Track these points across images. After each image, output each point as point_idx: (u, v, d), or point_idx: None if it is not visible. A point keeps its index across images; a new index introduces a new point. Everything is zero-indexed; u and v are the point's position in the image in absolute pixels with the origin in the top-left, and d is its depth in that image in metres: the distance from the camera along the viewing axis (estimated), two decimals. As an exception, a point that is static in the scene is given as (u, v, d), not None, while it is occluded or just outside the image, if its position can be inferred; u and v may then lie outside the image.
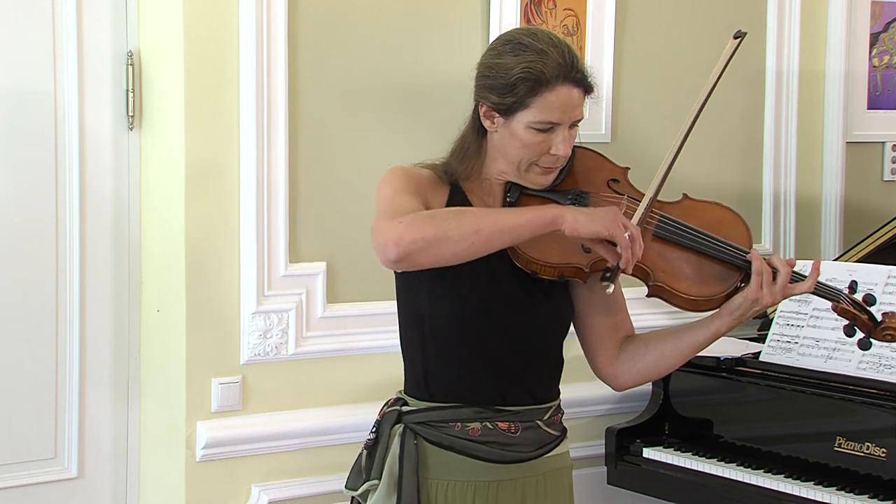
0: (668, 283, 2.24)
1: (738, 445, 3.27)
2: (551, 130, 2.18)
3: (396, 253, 2.01)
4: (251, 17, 3.02)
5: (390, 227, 2.03)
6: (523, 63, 2.15)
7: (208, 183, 3.05)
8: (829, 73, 4.04)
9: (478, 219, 2.05)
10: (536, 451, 2.27)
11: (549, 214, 2.05)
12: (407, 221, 2.03)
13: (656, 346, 2.34)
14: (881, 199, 4.20)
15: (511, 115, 2.18)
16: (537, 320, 2.26)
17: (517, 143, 2.19)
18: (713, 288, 2.25)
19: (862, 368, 3.06)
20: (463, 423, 2.21)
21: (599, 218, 2.05)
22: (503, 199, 2.27)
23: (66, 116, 3.05)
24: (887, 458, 2.94)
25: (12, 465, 3.04)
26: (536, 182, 2.25)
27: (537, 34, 2.20)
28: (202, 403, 3.07)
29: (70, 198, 3.06)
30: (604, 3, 3.56)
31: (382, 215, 2.11)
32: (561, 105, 2.17)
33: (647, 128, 3.72)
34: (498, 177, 2.27)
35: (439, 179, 2.26)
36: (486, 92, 2.20)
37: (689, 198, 2.37)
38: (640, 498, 3.53)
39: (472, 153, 2.26)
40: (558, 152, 2.19)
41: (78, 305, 3.08)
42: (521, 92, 2.15)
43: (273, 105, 3.07)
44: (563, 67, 2.16)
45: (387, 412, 2.28)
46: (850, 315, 2.32)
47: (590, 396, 3.62)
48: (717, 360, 3.33)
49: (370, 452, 2.26)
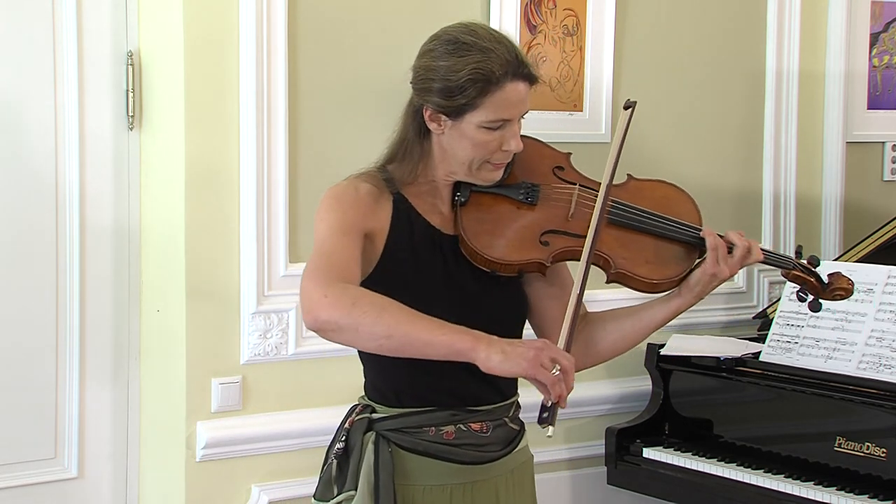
0: (629, 268, 2.23)
1: (738, 445, 3.27)
2: (502, 127, 2.14)
3: (312, 326, 1.98)
4: (251, 17, 3.02)
5: (315, 298, 1.97)
6: (470, 65, 2.09)
7: (208, 183, 3.05)
8: (829, 73, 4.04)
9: (394, 323, 1.95)
10: (505, 448, 2.24)
11: (465, 346, 1.94)
12: (330, 300, 1.96)
13: (615, 327, 2.32)
14: (881, 199, 4.20)
15: (460, 117, 2.13)
16: (498, 316, 2.22)
17: (468, 143, 2.14)
18: (673, 269, 2.26)
19: (862, 368, 3.06)
20: (437, 427, 2.18)
21: (517, 357, 1.93)
22: (452, 199, 2.22)
23: (66, 116, 3.05)
24: (887, 458, 2.94)
25: (12, 465, 3.04)
26: (488, 179, 2.20)
27: (477, 31, 2.15)
28: (202, 403, 3.07)
29: (70, 198, 3.06)
30: (604, 3, 3.56)
31: (314, 268, 2.03)
32: (511, 102, 2.13)
33: (647, 128, 3.72)
34: (446, 178, 2.22)
35: (380, 192, 2.18)
36: (431, 95, 2.13)
37: (634, 178, 2.37)
38: (640, 498, 3.53)
39: (415, 156, 2.19)
40: (511, 148, 2.16)
41: (78, 305, 3.08)
42: (470, 94, 2.10)
43: (273, 105, 3.07)
44: (510, 64, 2.12)
45: (356, 420, 2.23)
46: (801, 280, 2.38)
47: (590, 396, 3.63)
48: (717, 360, 3.33)
49: (341, 462, 2.21)
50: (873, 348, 3.07)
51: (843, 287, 2.38)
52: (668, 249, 2.28)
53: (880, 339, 3.08)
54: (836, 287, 2.38)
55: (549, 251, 2.20)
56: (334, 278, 2.00)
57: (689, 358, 3.40)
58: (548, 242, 2.20)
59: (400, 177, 2.20)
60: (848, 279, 2.40)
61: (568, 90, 3.56)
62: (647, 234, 2.27)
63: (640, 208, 2.28)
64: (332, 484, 2.20)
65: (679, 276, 2.27)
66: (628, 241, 2.26)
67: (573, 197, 2.25)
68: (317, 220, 2.13)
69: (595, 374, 3.64)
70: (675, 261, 2.27)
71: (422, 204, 2.21)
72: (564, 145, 3.45)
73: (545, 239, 2.20)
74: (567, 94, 3.55)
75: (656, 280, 2.25)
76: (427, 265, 2.17)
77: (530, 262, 2.19)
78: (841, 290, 2.38)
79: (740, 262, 2.26)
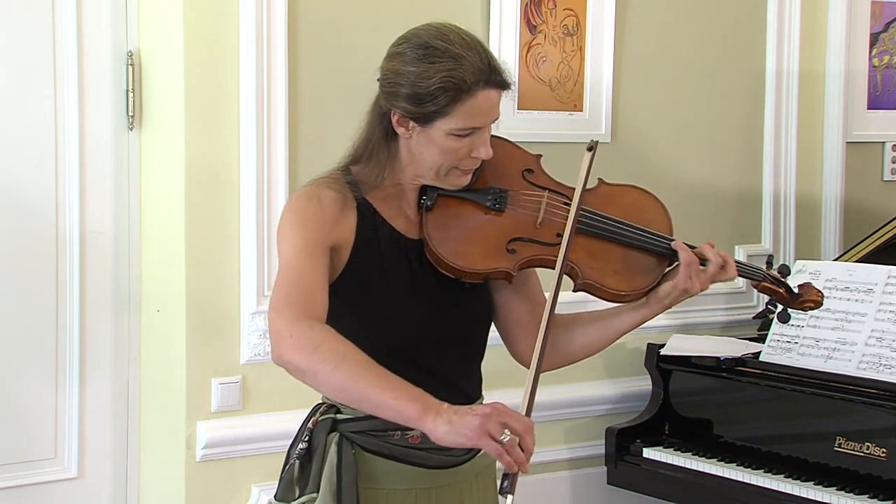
0: (597, 279, 2.19)
1: (738, 445, 3.27)
2: (472, 134, 2.09)
3: (277, 363, 1.98)
4: (251, 17, 3.02)
5: (281, 335, 1.96)
6: (442, 73, 2.04)
7: (208, 183, 3.05)
8: (829, 73, 4.04)
9: (348, 378, 1.93)
10: (468, 452, 2.20)
11: (412, 414, 1.90)
12: (294, 341, 1.94)
13: (582, 332, 2.30)
14: (881, 199, 4.20)
15: (429, 124, 2.07)
16: (464, 321, 2.20)
17: (436, 149, 2.10)
18: (641, 280, 2.22)
19: (862, 368, 3.06)
20: (403, 430, 2.13)
21: (462, 428, 1.88)
22: (418, 202, 2.18)
23: (66, 116, 3.05)
24: (887, 458, 2.94)
25: (12, 465, 3.04)
26: (456, 184, 2.16)
27: (449, 36, 2.09)
28: (202, 403, 3.07)
29: (70, 197, 3.06)
30: (604, 3, 3.56)
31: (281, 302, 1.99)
32: (482, 110, 2.08)
33: (647, 128, 3.73)
34: (412, 181, 2.17)
35: (344, 198, 2.13)
36: (399, 100, 2.08)
37: (605, 182, 2.32)
38: (640, 498, 3.53)
39: (381, 159, 2.14)
40: (480, 155, 2.11)
41: (78, 305, 3.08)
42: (440, 102, 2.04)
43: (273, 105, 3.07)
44: (482, 72, 2.06)
45: (320, 420, 2.19)
46: (770, 291, 2.35)
47: (590, 396, 3.63)
48: (717, 360, 3.33)
49: (303, 463, 2.16)
50: (873, 348, 3.07)
51: (813, 298, 2.36)
52: (638, 259, 2.23)
53: (880, 339, 3.08)
54: (805, 298, 2.36)
55: (516, 259, 2.15)
56: (301, 314, 1.97)
57: (689, 358, 3.40)
58: (515, 250, 2.16)
59: (365, 179, 2.15)
60: (817, 291, 2.38)
61: (568, 90, 3.56)
62: (616, 243, 2.23)
63: (609, 217, 2.24)
64: (294, 485, 2.16)
65: (647, 288, 2.23)
66: (597, 250, 2.21)
67: (542, 204, 2.21)
68: (280, 238, 2.09)
69: (595, 374, 3.65)
70: (643, 271, 2.23)
71: (387, 208, 2.16)
72: (564, 145, 3.49)
73: (512, 247, 2.16)
74: (567, 94, 3.55)
75: (624, 291, 2.21)
76: (393, 272, 2.13)
77: (496, 271, 2.15)
78: (810, 302, 2.36)
79: (713, 278, 2.22)
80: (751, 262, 2.34)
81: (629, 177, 3.71)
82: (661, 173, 3.74)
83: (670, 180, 3.76)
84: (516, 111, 3.45)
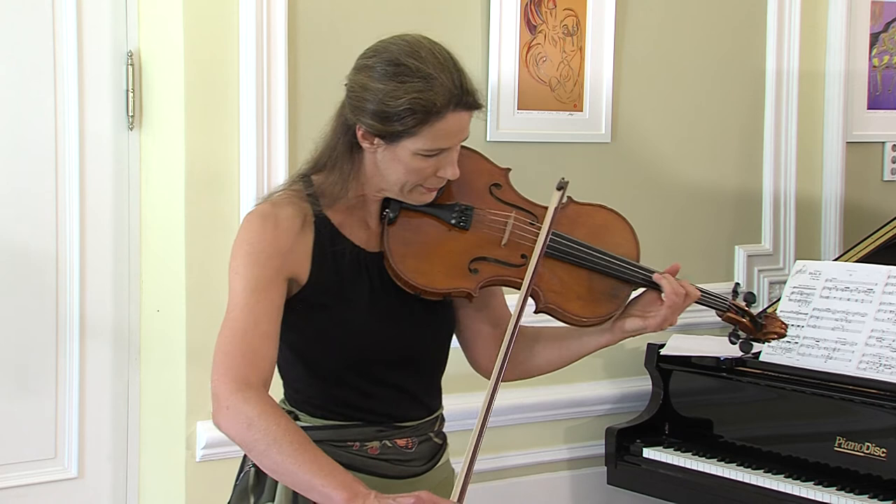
0: (559, 303, 2.16)
1: (738, 445, 3.27)
2: (439, 154, 2.03)
3: (216, 425, 1.98)
4: (251, 17, 3.02)
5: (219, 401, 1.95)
6: (411, 94, 1.97)
7: (208, 183, 3.05)
8: (829, 73, 4.04)
9: (280, 460, 1.92)
10: (427, 463, 2.18)
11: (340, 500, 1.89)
12: (231, 412, 1.94)
13: (542, 352, 2.28)
14: (881, 199, 4.20)
15: (395, 142, 2.01)
16: (424, 335, 2.16)
17: (401, 168, 2.04)
18: (604, 307, 2.19)
19: (862, 368, 3.06)
20: (362, 442, 2.11)
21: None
22: (380, 214, 2.13)
23: (66, 116, 3.05)
24: (887, 458, 2.94)
25: (12, 465, 3.04)
26: (419, 201, 2.10)
27: (420, 53, 2.01)
28: (202, 403, 3.06)
29: (70, 198, 3.06)
30: (604, 3, 3.56)
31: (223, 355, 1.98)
32: (451, 132, 2.02)
33: (647, 128, 3.72)
34: (376, 194, 2.12)
35: (303, 215, 2.06)
36: (365, 116, 2.02)
37: (574, 201, 2.26)
38: (640, 498, 3.53)
39: (345, 171, 2.08)
40: (446, 175, 2.06)
41: (78, 305, 3.08)
42: (409, 123, 1.98)
43: (273, 105, 3.07)
44: (453, 95, 1.99)
45: None
46: (734, 321, 2.33)
47: (590, 396, 3.63)
48: (717, 360, 3.33)
49: (258, 471, 2.11)
50: (873, 348, 3.07)
51: (777, 330, 2.35)
52: (602, 285, 2.20)
53: (880, 339, 3.08)
54: (769, 330, 2.35)
55: (478, 279, 2.11)
56: (241, 381, 1.95)
57: (689, 358, 3.40)
58: (477, 270, 2.11)
59: (328, 191, 2.09)
60: (782, 322, 2.36)
61: (568, 90, 3.56)
62: (581, 268, 2.19)
63: (577, 242, 2.19)
64: (249, 493, 2.13)
65: (609, 315, 2.20)
66: (561, 274, 2.18)
67: (508, 224, 2.16)
68: (231, 268, 2.04)
69: (595, 374, 3.65)
70: (607, 298, 2.19)
71: (348, 220, 2.11)
72: (564, 145, 3.49)
73: (475, 266, 2.11)
74: (567, 94, 3.55)
75: (586, 317, 2.18)
76: (351, 288, 2.09)
77: (457, 290, 2.11)
78: (774, 334, 2.35)
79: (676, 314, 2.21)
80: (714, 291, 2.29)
81: (629, 177, 3.75)
82: (661, 173, 3.74)
83: (670, 180, 3.76)
84: (516, 111, 3.45)
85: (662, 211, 3.73)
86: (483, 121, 3.40)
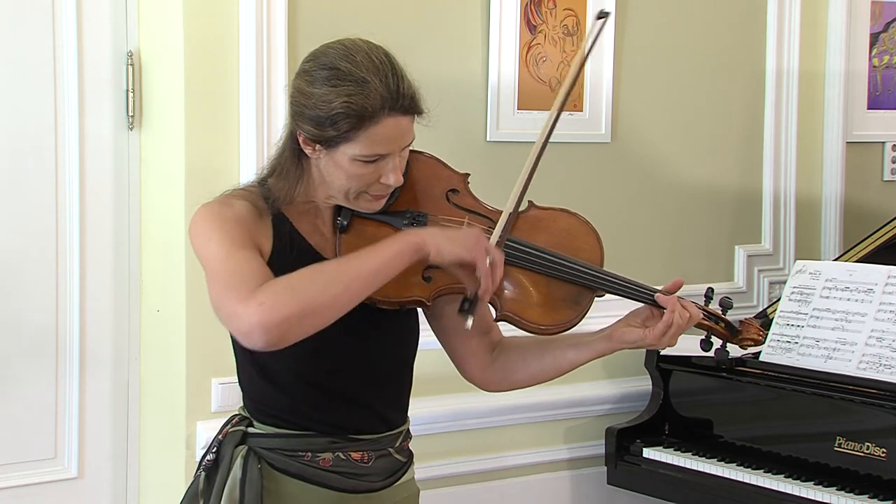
0: (517, 311, 2.11)
1: (738, 445, 3.27)
2: (379, 160, 2.01)
3: (266, 340, 1.83)
4: (251, 17, 3.02)
5: (250, 311, 1.83)
6: (343, 98, 1.95)
7: (208, 183, 3.03)
8: (829, 73, 4.04)
9: (340, 274, 1.88)
10: (386, 479, 2.14)
11: (413, 242, 1.90)
12: (268, 302, 1.82)
13: (534, 360, 2.25)
14: (881, 199, 4.20)
15: (333, 148, 2.00)
16: (383, 347, 2.13)
17: (342, 174, 2.02)
18: (565, 314, 2.13)
19: (862, 368, 3.06)
20: (314, 452, 2.07)
21: (463, 240, 1.93)
22: (333, 222, 2.11)
23: (66, 116, 3.05)
24: (887, 458, 2.94)
25: (12, 465, 3.04)
26: (367, 208, 2.08)
27: (355, 57, 1.98)
28: (202, 403, 3.06)
29: (70, 198, 3.06)
30: (604, 4, 3.56)
31: (226, 289, 1.89)
32: (388, 137, 1.99)
33: (647, 128, 3.72)
34: (326, 201, 2.10)
35: (258, 210, 2.05)
36: (304, 122, 2.01)
37: (536, 206, 2.21)
38: (640, 498, 3.53)
39: (292, 177, 2.06)
40: (388, 182, 2.03)
41: (78, 305, 3.08)
42: (342, 127, 1.96)
43: (273, 105, 3.07)
44: (387, 99, 1.97)
45: (230, 431, 2.12)
46: (706, 327, 2.29)
47: (590, 396, 3.63)
48: (717, 361, 3.33)
49: (209, 475, 2.09)
50: (873, 348, 3.07)
51: (753, 337, 2.32)
52: (563, 291, 2.13)
53: (880, 339, 3.08)
54: (745, 336, 2.32)
55: (433, 288, 2.06)
56: (251, 288, 1.86)
57: (689, 358, 3.40)
58: (431, 278, 2.05)
59: (280, 195, 2.07)
60: (759, 328, 2.32)
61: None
62: (541, 274, 2.13)
63: (536, 248, 2.14)
64: (199, 497, 2.10)
65: (571, 322, 2.14)
66: (519, 281, 2.12)
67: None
68: (200, 243, 2.00)
69: (595, 374, 3.64)
70: (567, 305, 2.13)
71: (303, 224, 2.10)
72: (564, 145, 3.49)
73: (428, 274, 2.05)
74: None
75: (545, 325, 2.13)
76: None
77: (410, 300, 2.06)
78: (750, 340, 2.32)
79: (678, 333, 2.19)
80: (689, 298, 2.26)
81: (629, 177, 3.74)
82: (661, 173, 3.74)
83: (670, 180, 3.76)
84: (516, 111, 3.45)
85: (662, 211, 3.73)
86: (483, 121, 3.41)
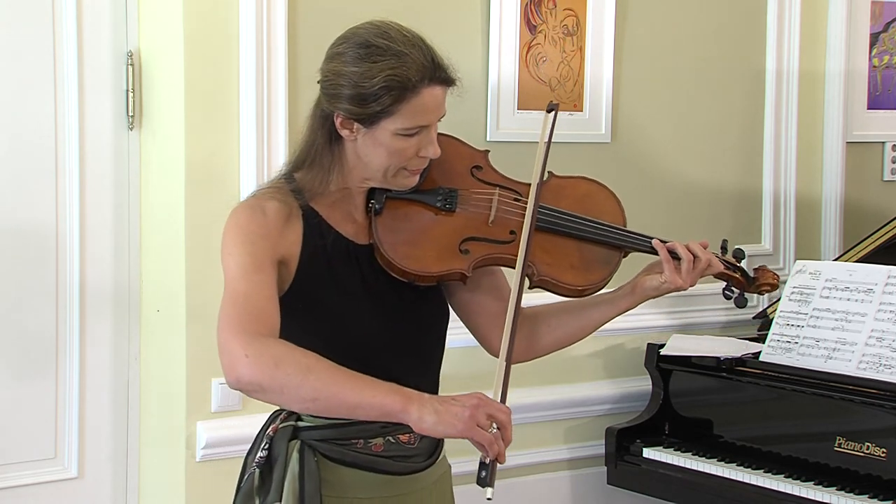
0: (554, 275, 2.18)
1: (738, 445, 3.27)
2: (419, 133, 2.04)
3: (234, 386, 1.90)
4: (251, 17, 3.02)
5: (235, 356, 1.87)
6: (386, 71, 1.99)
7: (208, 183, 3.05)
8: (829, 73, 4.04)
9: (320, 385, 1.87)
10: (428, 459, 2.18)
11: (395, 407, 1.87)
12: (252, 360, 1.86)
13: (559, 324, 2.28)
14: (881, 199, 4.20)
15: (374, 124, 2.03)
16: (420, 325, 2.16)
17: (383, 150, 2.05)
18: (598, 273, 2.21)
19: (862, 368, 3.06)
20: (366, 439, 2.10)
21: (451, 419, 1.86)
22: (366, 206, 2.14)
23: (66, 116, 3.05)
24: (887, 458, 2.94)
25: (12, 465, 3.04)
26: (404, 185, 2.11)
27: (390, 33, 2.06)
28: (202, 403, 3.06)
29: (70, 197, 3.06)
30: (604, 3, 3.57)
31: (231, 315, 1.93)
32: (428, 108, 2.03)
33: (647, 128, 3.73)
34: (360, 185, 2.12)
35: (289, 208, 2.07)
36: (342, 102, 2.03)
37: (556, 175, 2.29)
38: (640, 498, 3.54)
39: (325, 164, 2.08)
40: (429, 154, 2.08)
41: (78, 305, 3.08)
42: (385, 102, 1.99)
43: (273, 105, 3.07)
44: (426, 69, 2.02)
45: (280, 428, 2.12)
46: (726, 276, 2.36)
47: (590, 396, 3.63)
48: (717, 360, 3.33)
49: (263, 472, 2.10)
50: (873, 348, 3.07)
51: (769, 282, 2.37)
52: (593, 252, 2.22)
53: (880, 339, 3.08)
54: (762, 282, 2.37)
55: (470, 259, 2.13)
56: (253, 331, 1.90)
57: (689, 358, 3.40)
58: (468, 250, 2.13)
59: (310, 186, 2.09)
60: (773, 273, 2.38)
61: (568, 90, 3.56)
62: (570, 237, 2.22)
63: (563, 212, 2.22)
64: (254, 495, 2.10)
65: (604, 281, 2.22)
66: (551, 246, 2.19)
67: (493, 202, 2.19)
68: (224, 253, 2.03)
69: (595, 374, 3.65)
70: (599, 264, 2.22)
71: (334, 214, 2.12)
72: (564, 145, 3.48)
73: (465, 247, 2.13)
74: (567, 94, 3.55)
75: (581, 286, 2.20)
76: (344, 280, 2.09)
77: (451, 272, 2.12)
78: (767, 285, 2.38)
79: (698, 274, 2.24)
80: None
81: (629, 177, 3.74)
82: (661, 173, 3.74)
83: (670, 180, 3.76)
84: (516, 111, 3.45)
85: (662, 211, 3.73)
86: (483, 121, 3.41)
